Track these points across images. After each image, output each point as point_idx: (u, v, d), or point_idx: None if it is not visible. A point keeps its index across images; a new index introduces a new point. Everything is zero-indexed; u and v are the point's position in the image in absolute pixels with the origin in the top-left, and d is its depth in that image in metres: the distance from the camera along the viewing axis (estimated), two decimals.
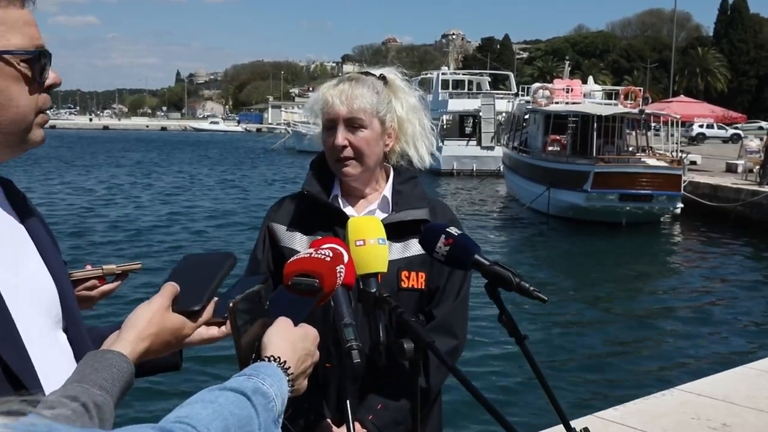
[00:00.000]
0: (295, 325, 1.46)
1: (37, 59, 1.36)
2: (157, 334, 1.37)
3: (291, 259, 1.64)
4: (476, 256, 1.89)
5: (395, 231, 2.26)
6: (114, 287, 2.30)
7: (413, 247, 2.28)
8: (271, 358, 1.35)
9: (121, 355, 1.28)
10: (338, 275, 1.64)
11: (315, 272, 1.59)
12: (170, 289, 1.42)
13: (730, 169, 29.81)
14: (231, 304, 1.37)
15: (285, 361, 1.35)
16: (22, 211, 1.45)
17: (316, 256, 1.62)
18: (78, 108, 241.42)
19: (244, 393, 1.21)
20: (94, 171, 43.71)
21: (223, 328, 1.58)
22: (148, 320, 1.37)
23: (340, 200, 2.40)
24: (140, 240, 19.88)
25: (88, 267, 2.24)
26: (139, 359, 1.34)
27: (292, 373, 1.36)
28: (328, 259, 1.62)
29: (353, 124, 2.29)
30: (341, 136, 2.29)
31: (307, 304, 1.56)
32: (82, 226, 21.53)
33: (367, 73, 2.40)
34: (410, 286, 2.28)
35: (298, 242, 2.34)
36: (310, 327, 1.48)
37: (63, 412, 1.12)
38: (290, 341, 1.40)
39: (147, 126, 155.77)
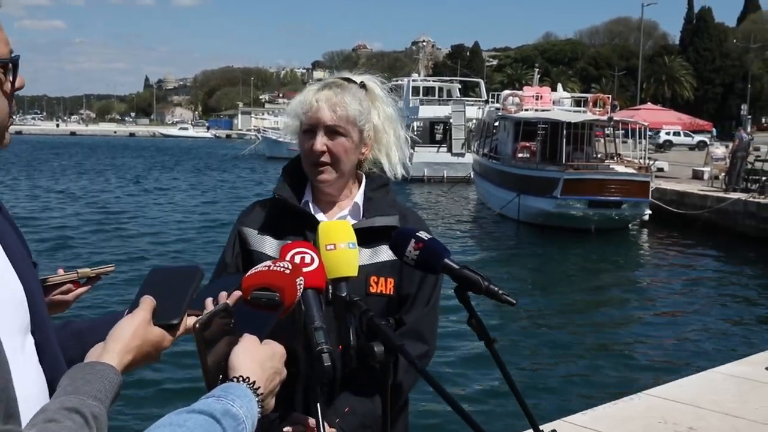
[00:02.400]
0: (260, 340, 1.45)
1: (15, 66, 1.37)
2: (140, 347, 1.39)
3: (249, 273, 1.60)
4: (446, 260, 1.90)
5: (365, 237, 2.26)
6: (86, 290, 2.30)
7: (383, 254, 2.29)
8: (240, 379, 1.34)
9: (111, 366, 1.30)
10: (298, 288, 1.61)
11: (275, 286, 1.55)
12: (150, 302, 1.44)
13: (697, 176, 30.20)
14: (197, 326, 1.36)
15: (254, 382, 1.34)
16: None
17: (274, 269, 1.59)
18: (45, 113, 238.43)
19: (213, 415, 1.20)
20: (55, 177, 43.27)
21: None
22: (132, 333, 1.38)
23: (311, 206, 2.40)
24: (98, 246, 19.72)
25: (60, 271, 2.23)
26: (124, 371, 1.36)
27: (261, 393, 1.34)
28: (288, 272, 1.59)
29: (334, 131, 2.29)
30: (320, 142, 2.29)
31: (270, 319, 1.54)
32: (45, 232, 21.29)
33: (348, 80, 2.39)
34: (378, 291, 2.28)
35: (269, 246, 2.34)
36: (278, 344, 1.47)
37: (65, 423, 1.14)
38: (258, 360, 1.39)
39: (115, 132, 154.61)
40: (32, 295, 1.41)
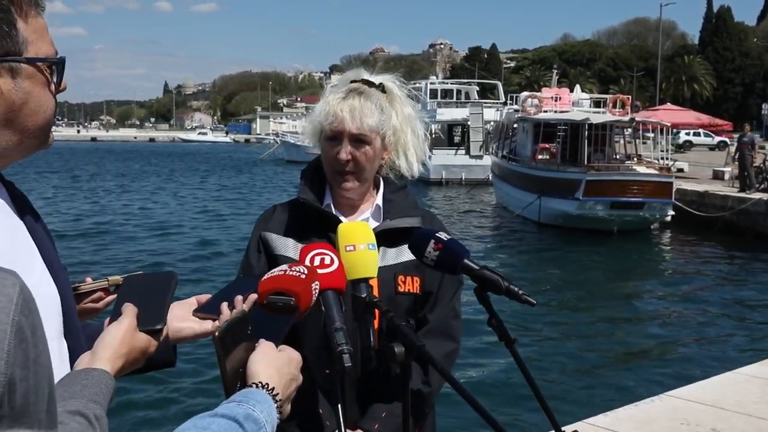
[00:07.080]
0: (276, 344, 1.48)
1: (61, 66, 1.39)
2: (128, 353, 1.42)
3: (265, 277, 1.63)
4: (466, 261, 1.91)
5: (389, 238, 2.31)
6: (114, 298, 2.32)
7: (407, 253, 2.29)
8: (259, 385, 1.37)
9: (106, 372, 1.33)
10: (313, 292, 1.64)
11: (290, 290, 1.58)
12: (133, 310, 1.47)
13: (717, 176, 29.96)
14: (216, 335, 1.39)
15: (273, 388, 1.37)
16: (24, 213, 1.45)
17: (290, 273, 1.62)
18: (66, 119, 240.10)
19: (236, 420, 1.23)
20: (83, 183, 43.56)
21: (216, 322, 1.61)
22: (121, 340, 1.41)
23: (332, 209, 2.41)
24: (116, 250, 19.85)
25: (89, 279, 2.24)
26: (114, 377, 1.38)
27: (280, 399, 1.38)
28: (303, 276, 1.62)
29: (359, 140, 2.30)
30: (345, 151, 2.30)
31: (286, 322, 1.57)
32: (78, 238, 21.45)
33: (369, 83, 2.40)
34: (407, 290, 2.31)
35: (292, 250, 2.33)
36: (294, 350, 1.50)
37: (71, 425, 1.17)
38: (276, 367, 1.42)
39: (135, 137, 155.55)
40: (66, 299, 1.44)
